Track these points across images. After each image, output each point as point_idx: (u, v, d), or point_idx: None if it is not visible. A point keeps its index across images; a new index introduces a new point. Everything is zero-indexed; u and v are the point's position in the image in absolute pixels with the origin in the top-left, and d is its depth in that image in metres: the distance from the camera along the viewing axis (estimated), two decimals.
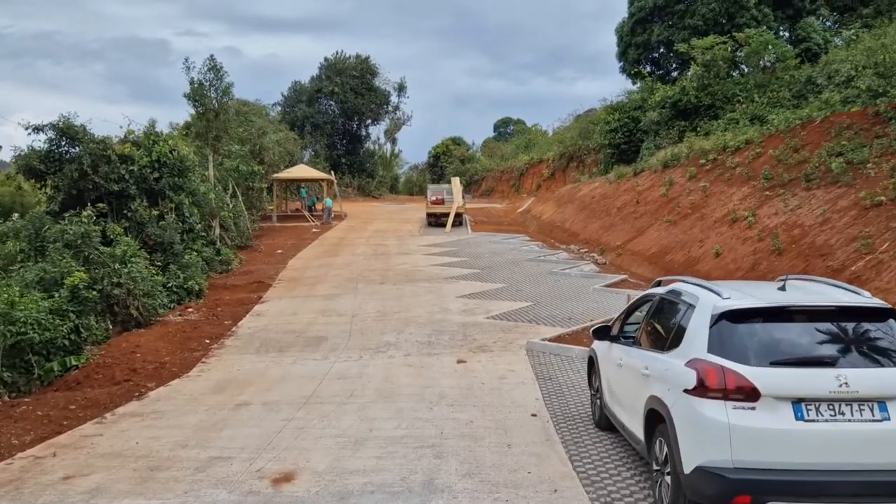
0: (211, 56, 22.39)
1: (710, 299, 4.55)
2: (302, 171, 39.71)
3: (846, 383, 4.02)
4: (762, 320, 4.37)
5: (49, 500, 5.37)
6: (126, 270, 14.02)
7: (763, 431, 3.99)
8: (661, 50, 40.60)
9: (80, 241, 13.58)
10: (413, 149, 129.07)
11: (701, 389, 4.17)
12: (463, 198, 36.99)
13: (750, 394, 4.04)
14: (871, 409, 4.04)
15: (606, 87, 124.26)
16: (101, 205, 14.30)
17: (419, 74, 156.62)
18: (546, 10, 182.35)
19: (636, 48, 40.80)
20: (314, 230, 32.96)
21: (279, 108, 61.17)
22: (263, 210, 37.05)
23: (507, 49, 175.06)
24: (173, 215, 17.46)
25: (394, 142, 71.28)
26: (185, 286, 16.28)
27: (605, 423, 6.43)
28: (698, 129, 30.20)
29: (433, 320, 13.15)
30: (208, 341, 12.07)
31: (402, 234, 30.99)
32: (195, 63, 22.08)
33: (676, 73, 39.80)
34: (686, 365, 4.36)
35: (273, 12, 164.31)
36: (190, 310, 15.31)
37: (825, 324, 4.36)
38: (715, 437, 4.04)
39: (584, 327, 11.90)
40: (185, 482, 5.60)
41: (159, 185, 17.13)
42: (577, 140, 46.32)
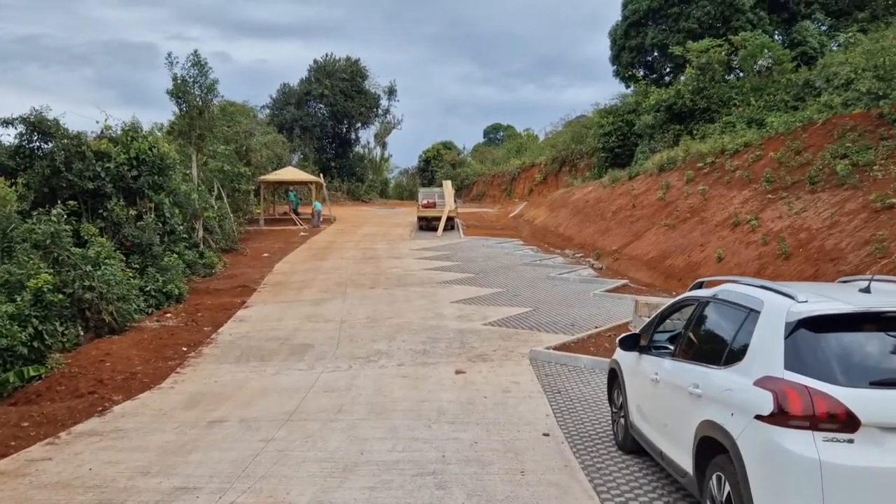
0: (195, 51, 21.55)
1: (782, 304, 3.72)
2: (290, 173, 38.81)
3: None
4: (854, 330, 3.54)
5: None
6: (99, 273, 13.11)
7: (866, 472, 3.16)
8: (655, 53, 40.22)
9: (49, 242, 12.66)
10: (403, 154, 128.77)
11: (780, 416, 3.33)
12: (455, 202, 36.26)
13: (846, 422, 3.20)
14: None
15: (595, 94, 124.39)
16: (73, 202, 13.37)
17: (409, 81, 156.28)
18: (536, 18, 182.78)
19: (630, 51, 40.39)
20: (302, 234, 32.10)
21: (267, 110, 60.24)
22: (250, 213, 36.13)
23: (496, 56, 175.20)
24: (152, 215, 16.54)
25: (384, 146, 70.54)
26: (164, 290, 15.37)
27: (630, 445, 5.62)
28: (694, 133, 29.80)
29: (427, 327, 12.34)
30: (185, 349, 11.19)
31: (392, 238, 30.20)
32: (178, 58, 21.18)
33: (670, 76, 39.45)
34: (756, 385, 3.54)
35: (264, 17, 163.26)
36: (168, 315, 14.40)
37: None
38: (801, 478, 3.21)
39: (590, 335, 11.15)
40: None
41: (137, 184, 16.22)
42: (569, 144, 45.80)
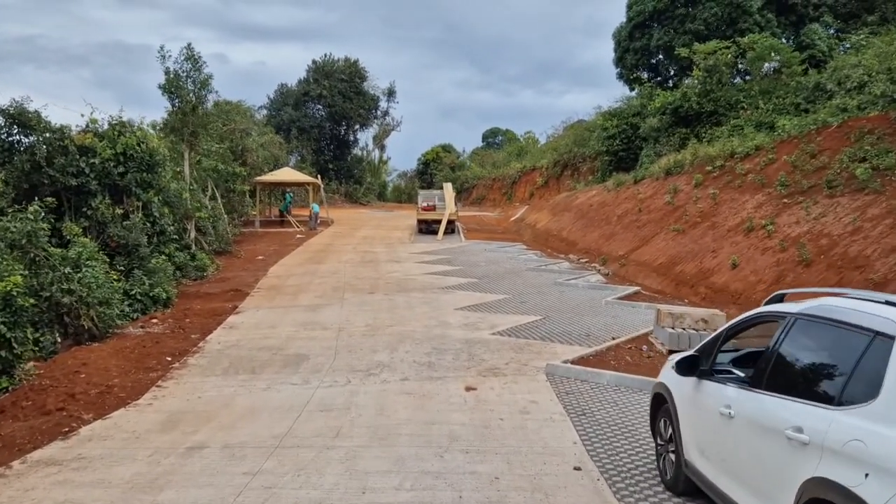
0: (188, 45, 20.67)
1: None
2: (287, 174, 37.93)
3: None
4: None
5: None
6: (80, 275, 12.22)
7: None
8: (660, 56, 39.53)
9: (24, 241, 11.76)
10: (401, 157, 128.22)
11: None
12: (455, 204, 35.44)
13: None
14: None
15: (593, 100, 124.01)
16: (51, 199, 12.48)
17: (407, 85, 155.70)
18: (534, 24, 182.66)
19: (634, 53, 39.71)
20: (298, 236, 31.25)
21: (265, 111, 59.40)
22: (246, 215, 35.26)
23: (495, 61, 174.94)
24: (140, 215, 15.65)
25: (382, 148, 69.76)
26: (151, 294, 14.47)
27: (684, 486, 4.74)
28: (701, 136, 29.15)
29: (431, 336, 11.47)
30: (169, 359, 10.29)
31: (391, 242, 29.36)
32: (171, 52, 20.31)
33: (675, 79, 38.79)
34: None
35: (262, 20, 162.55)
36: (154, 321, 13.50)
37: None
38: None
39: (608, 346, 10.29)
40: None
41: (124, 181, 15.33)
42: (571, 147, 45.05)
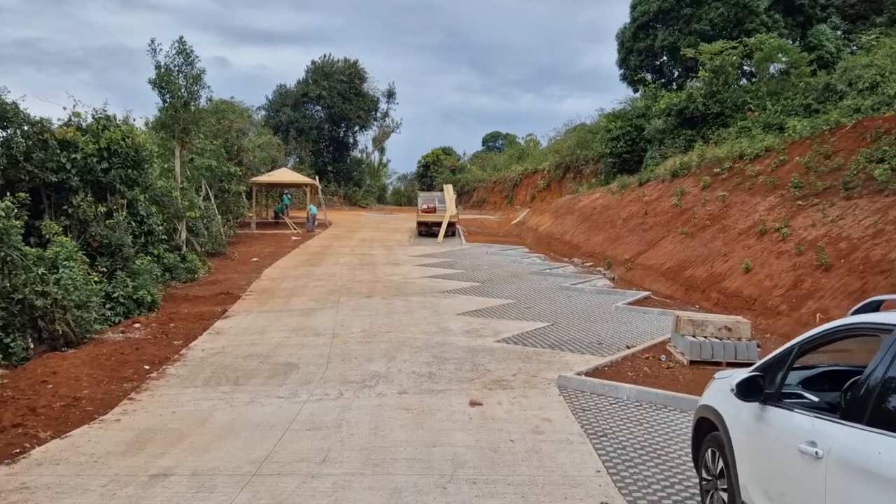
0: (180, 38, 19.87)
1: None
2: (284, 175, 37.13)
3: None
4: None
5: None
6: (56, 277, 11.41)
7: None
8: (665, 57, 38.88)
9: None
10: (401, 160, 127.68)
11: None
12: (456, 207, 34.67)
13: None
14: None
15: (593, 104, 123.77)
16: (23, 194, 11.66)
17: (408, 90, 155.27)
18: (535, 29, 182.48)
19: (638, 54, 39.09)
20: (295, 238, 30.47)
21: (263, 112, 58.64)
22: (242, 216, 34.47)
23: (495, 66, 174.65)
24: (124, 213, 14.84)
25: (382, 150, 69.08)
26: (135, 297, 13.65)
27: None
28: (708, 138, 28.54)
29: (432, 343, 10.67)
30: (147, 367, 9.48)
31: (390, 244, 28.58)
32: (162, 45, 19.53)
33: (680, 80, 38.17)
34: None
35: (264, 25, 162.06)
36: (137, 325, 12.69)
37: None
38: None
39: (624, 356, 9.48)
40: None
41: (108, 178, 14.51)
42: (574, 150, 44.35)
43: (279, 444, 6.01)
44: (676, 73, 39.14)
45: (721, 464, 4.05)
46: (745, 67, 33.47)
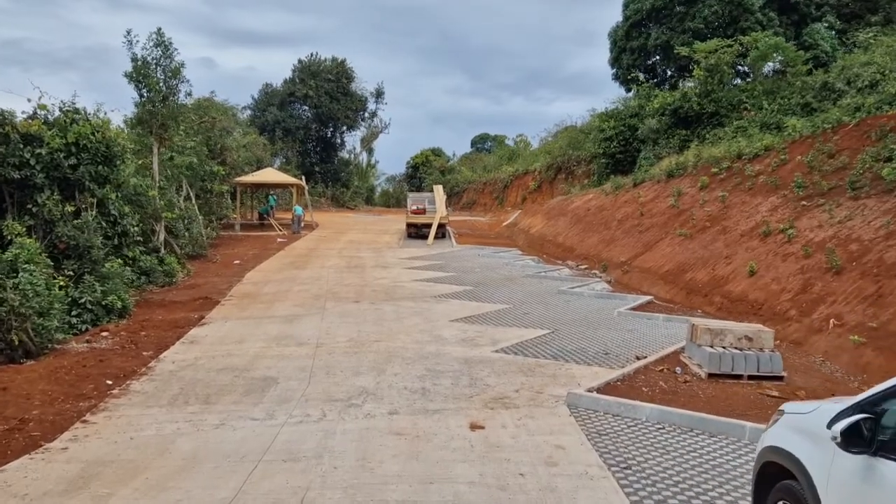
0: (158, 29, 18.87)
1: None
2: (269, 175, 36.11)
3: None
4: None
5: None
6: (14, 281, 10.44)
7: None
8: (658, 56, 38.32)
9: None
10: (390, 162, 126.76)
11: None
12: (447, 208, 33.84)
13: None
14: None
15: (582, 107, 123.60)
16: None
17: (398, 92, 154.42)
18: (525, 33, 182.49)
19: (631, 53, 38.51)
20: (280, 240, 29.50)
21: (249, 111, 57.51)
22: (226, 217, 33.43)
23: (485, 69, 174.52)
24: (94, 212, 13.85)
25: (370, 151, 68.15)
26: (104, 302, 12.67)
27: None
28: (703, 138, 28.01)
29: (424, 354, 9.81)
30: (110, 382, 8.55)
31: (379, 246, 27.69)
32: (139, 37, 18.52)
33: (673, 80, 37.68)
34: None
35: (254, 26, 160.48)
36: (105, 334, 11.71)
37: None
38: None
39: (636, 369, 8.66)
40: None
41: (76, 175, 13.53)
42: (566, 150, 43.66)
43: (249, 480, 5.12)
44: (669, 73, 38.63)
45: None
46: (739, 67, 33.03)
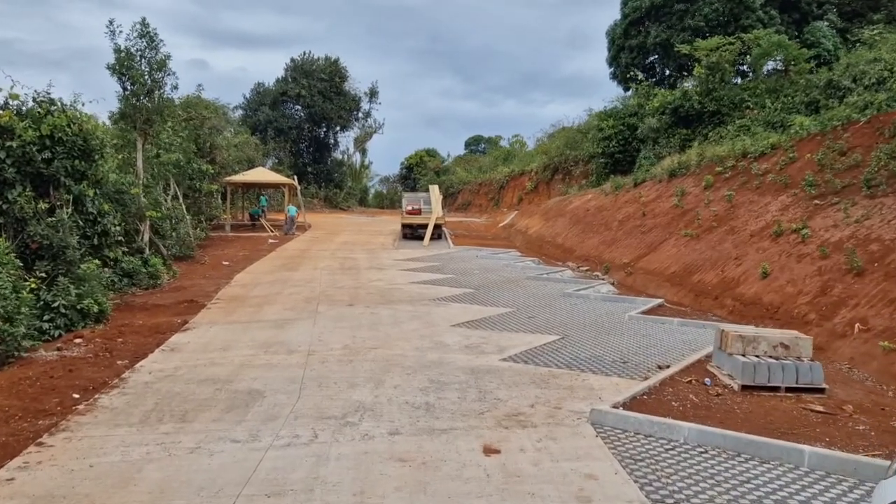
0: (142, 20, 17.97)
1: None
2: (260, 174, 35.21)
3: None
4: None
5: None
6: None
7: None
8: (657, 55, 37.70)
9: None
10: (383, 163, 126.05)
11: None
12: (443, 208, 33.01)
13: None
14: None
15: (575, 109, 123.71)
16: None
17: (392, 94, 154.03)
18: (518, 35, 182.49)
19: (629, 52, 37.89)
20: (272, 241, 28.60)
21: (241, 111, 56.54)
22: (217, 217, 32.52)
23: (478, 72, 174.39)
24: (69, 210, 12.95)
25: (364, 152, 67.36)
26: (79, 306, 11.77)
27: None
28: (707, 137, 27.40)
29: (426, 362, 8.98)
30: (77, 396, 7.67)
31: (373, 247, 26.83)
32: (122, 27, 17.62)
33: (671, 79, 37.09)
34: None
35: (246, 27, 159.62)
36: (78, 340, 10.81)
37: None
38: None
39: (661, 380, 7.85)
40: None
41: (50, 169, 12.63)
42: (563, 150, 42.97)
43: None
44: (668, 72, 38.05)
45: None
46: (739, 66, 32.47)
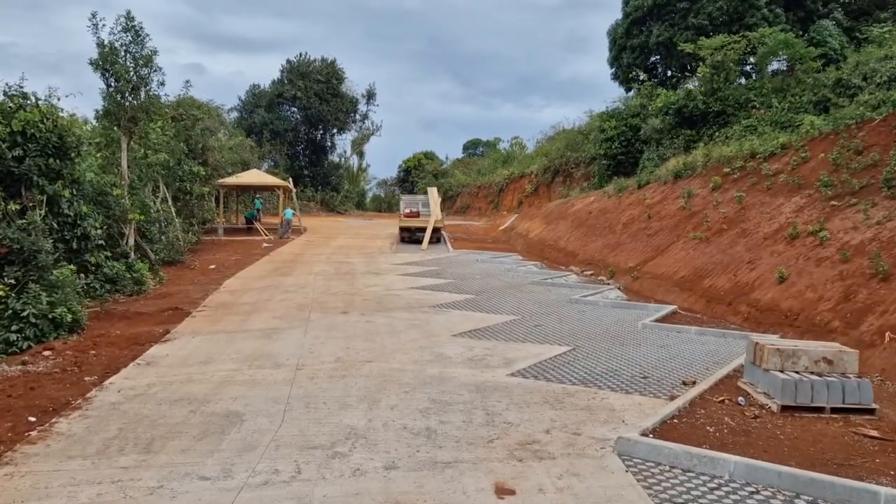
0: (127, 12, 17.14)
1: None
2: (254, 176, 34.32)
3: None
4: None
5: None
6: None
7: None
8: (659, 54, 37.00)
9: None
10: (381, 166, 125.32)
11: None
12: (441, 211, 32.16)
13: None
14: None
15: (573, 113, 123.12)
16: None
17: (389, 97, 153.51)
18: (516, 39, 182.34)
19: (631, 51, 37.18)
20: (265, 245, 27.73)
21: (236, 113, 55.71)
22: (210, 221, 31.61)
23: (476, 75, 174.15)
24: (42, 212, 12.10)
25: (361, 155, 66.49)
26: (51, 315, 10.91)
27: None
28: (712, 137, 26.64)
29: (426, 378, 8.12)
30: (33, 419, 6.80)
31: (370, 251, 25.97)
32: (105, 20, 16.82)
33: (674, 80, 36.37)
34: None
35: (244, 32, 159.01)
36: (47, 353, 9.94)
37: None
38: None
39: (691, 400, 6.99)
40: None
41: (22, 168, 11.78)
42: (564, 152, 42.18)
43: None
44: (670, 73, 37.34)
45: None
46: (743, 66, 31.78)
